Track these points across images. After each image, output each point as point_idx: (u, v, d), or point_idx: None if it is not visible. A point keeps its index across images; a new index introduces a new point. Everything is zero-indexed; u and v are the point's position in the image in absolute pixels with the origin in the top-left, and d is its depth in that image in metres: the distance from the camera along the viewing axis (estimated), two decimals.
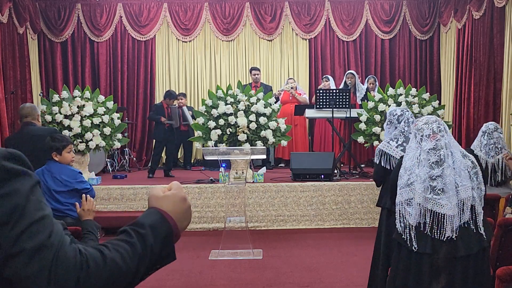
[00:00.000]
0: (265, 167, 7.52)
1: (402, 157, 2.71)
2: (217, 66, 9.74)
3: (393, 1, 9.72)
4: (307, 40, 9.74)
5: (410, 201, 2.44)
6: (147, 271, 1.10)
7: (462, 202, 2.37)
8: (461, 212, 2.37)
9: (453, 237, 2.34)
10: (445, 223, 2.34)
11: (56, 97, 6.90)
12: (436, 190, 2.36)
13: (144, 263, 1.08)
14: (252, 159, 5.98)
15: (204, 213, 6.33)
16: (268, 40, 9.73)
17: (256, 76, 8.61)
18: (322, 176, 6.54)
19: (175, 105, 7.82)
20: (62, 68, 9.45)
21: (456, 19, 8.66)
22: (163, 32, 9.64)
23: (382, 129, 7.16)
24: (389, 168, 3.43)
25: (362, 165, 8.02)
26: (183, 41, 9.64)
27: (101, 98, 7.20)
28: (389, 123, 3.53)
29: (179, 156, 9.25)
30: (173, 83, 9.67)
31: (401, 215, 2.48)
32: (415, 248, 2.39)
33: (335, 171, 6.91)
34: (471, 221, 2.38)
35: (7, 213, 0.96)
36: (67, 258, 0.99)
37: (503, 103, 7.33)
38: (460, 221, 2.37)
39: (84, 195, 2.73)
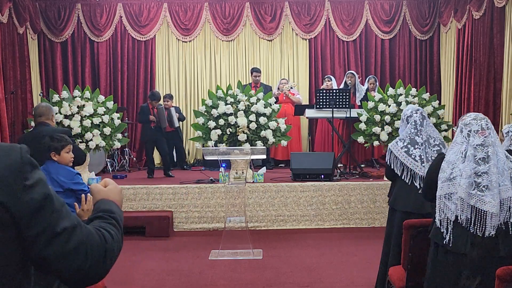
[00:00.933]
0: (265, 167, 7.52)
1: (439, 154, 2.72)
2: (217, 66, 9.74)
3: (393, 1, 9.71)
4: (307, 40, 9.73)
5: (450, 196, 2.44)
6: None
7: (502, 202, 2.37)
8: (502, 212, 2.38)
9: (491, 234, 2.34)
10: (486, 221, 2.35)
11: (56, 97, 6.90)
12: (481, 187, 2.36)
13: (122, 241, 1.31)
14: (252, 159, 5.98)
15: (204, 213, 6.33)
16: (268, 40, 9.72)
17: (257, 77, 8.61)
18: (322, 176, 6.54)
19: (162, 105, 7.78)
20: (62, 68, 9.44)
21: (456, 19, 8.66)
22: (163, 32, 9.64)
23: (382, 129, 7.16)
24: (392, 167, 3.42)
25: (362, 165, 8.02)
26: (183, 41, 9.64)
27: (101, 98, 7.20)
28: (401, 121, 3.52)
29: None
30: (173, 83, 9.66)
31: (440, 209, 2.47)
32: (450, 242, 2.40)
33: (336, 171, 6.91)
34: (509, 222, 2.39)
35: (41, 199, 1.11)
36: (93, 234, 1.18)
37: (503, 103, 7.33)
38: (501, 220, 2.37)
39: (83, 195, 2.71)
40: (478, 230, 2.36)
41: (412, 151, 3.35)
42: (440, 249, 2.49)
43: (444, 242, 2.44)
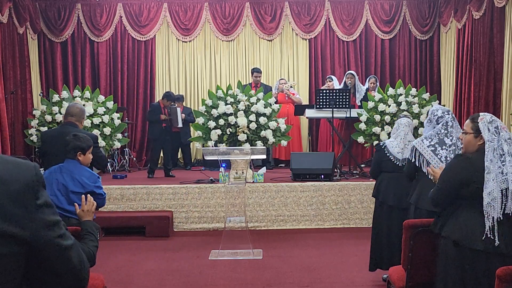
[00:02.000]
0: (265, 167, 7.51)
1: (456, 156, 2.69)
2: (217, 66, 9.74)
3: (393, 1, 9.71)
4: (307, 40, 9.73)
5: (495, 196, 2.47)
6: None
7: None
8: None
9: None
10: None
11: (56, 97, 6.92)
12: None
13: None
14: (252, 159, 5.98)
15: (204, 213, 6.33)
16: (268, 40, 9.72)
17: (258, 78, 8.61)
18: (322, 176, 6.54)
19: (175, 105, 7.81)
20: (62, 68, 9.44)
21: (456, 19, 8.66)
22: (163, 32, 9.64)
23: (382, 129, 7.16)
24: (418, 165, 3.39)
25: (362, 165, 8.01)
26: (183, 41, 9.64)
27: (101, 98, 7.22)
28: (429, 121, 3.49)
29: (178, 156, 9.25)
30: (173, 83, 9.67)
31: (488, 213, 2.47)
32: (497, 243, 2.42)
33: (336, 171, 6.90)
34: None
35: (50, 219, 1.18)
36: (81, 249, 1.33)
37: (503, 103, 7.33)
38: None
39: (83, 195, 2.70)
40: None
41: (439, 151, 3.32)
42: (463, 250, 2.49)
43: (493, 244, 2.43)
